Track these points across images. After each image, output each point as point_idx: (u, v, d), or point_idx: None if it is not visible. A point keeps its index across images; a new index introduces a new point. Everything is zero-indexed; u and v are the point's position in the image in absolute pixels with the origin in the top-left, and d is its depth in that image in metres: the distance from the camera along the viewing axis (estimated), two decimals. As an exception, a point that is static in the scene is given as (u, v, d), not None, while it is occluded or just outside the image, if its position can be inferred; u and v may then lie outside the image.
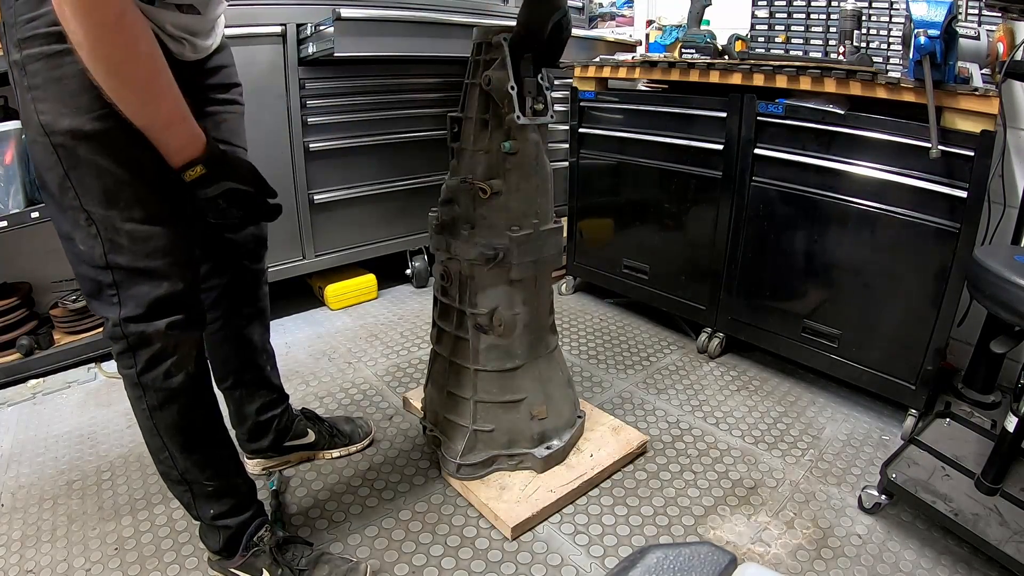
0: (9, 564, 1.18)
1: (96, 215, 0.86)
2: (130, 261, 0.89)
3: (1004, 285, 1.06)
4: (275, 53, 1.92)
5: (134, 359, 0.94)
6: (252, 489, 1.13)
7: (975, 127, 1.35)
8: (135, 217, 0.87)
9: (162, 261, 0.90)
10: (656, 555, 0.52)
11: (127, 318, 0.91)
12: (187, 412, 0.99)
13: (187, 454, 1.01)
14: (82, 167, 0.83)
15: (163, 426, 0.99)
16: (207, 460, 1.04)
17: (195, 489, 1.05)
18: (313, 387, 1.81)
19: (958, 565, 1.20)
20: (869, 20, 1.94)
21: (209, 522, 1.08)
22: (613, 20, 3.03)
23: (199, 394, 1.01)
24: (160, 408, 0.97)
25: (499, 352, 1.32)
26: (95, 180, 0.84)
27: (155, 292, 0.91)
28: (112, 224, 0.86)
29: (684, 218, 1.99)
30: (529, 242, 1.27)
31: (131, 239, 0.88)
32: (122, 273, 0.89)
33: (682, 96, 1.90)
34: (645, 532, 1.29)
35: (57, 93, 0.80)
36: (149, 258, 0.89)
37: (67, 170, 0.84)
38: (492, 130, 1.21)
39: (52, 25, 0.76)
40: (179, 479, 1.04)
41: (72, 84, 0.79)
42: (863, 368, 1.64)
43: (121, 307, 0.91)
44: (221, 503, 1.07)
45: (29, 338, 1.81)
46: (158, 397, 0.96)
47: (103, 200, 0.85)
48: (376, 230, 2.34)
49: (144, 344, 0.93)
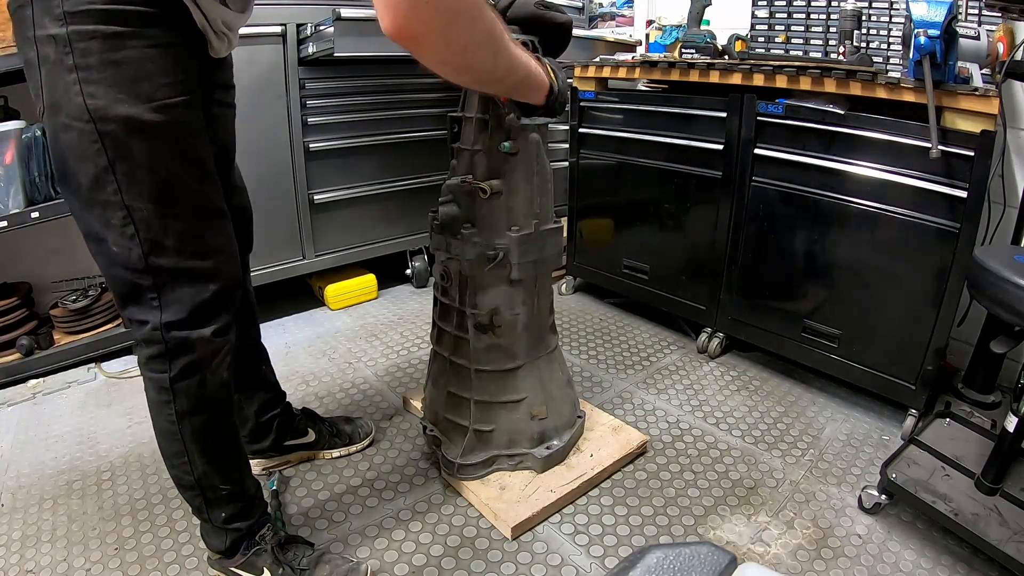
0: (9, 564, 1.18)
1: (138, 212, 0.82)
2: (175, 262, 0.85)
3: (1004, 285, 1.06)
4: (275, 53, 1.92)
5: (168, 364, 0.90)
6: (260, 490, 1.13)
7: (975, 127, 1.35)
8: (186, 213, 0.84)
9: (211, 260, 0.88)
10: (656, 555, 0.52)
11: (169, 323, 0.87)
12: (216, 418, 0.97)
13: (207, 459, 0.99)
14: (132, 159, 0.79)
15: (188, 432, 0.96)
16: (225, 465, 1.02)
17: (208, 494, 1.03)
18: (313, 387, 1.81)
19: (958, 565, 1.20)
20: (869, 20, 1.94)
21: (220, 525, 1.06)
22: (613, 20, 3.02)
23: (228, 400, 0.99)
24: (190, 414, 0.94)
25: (499, 352, 1.32)
26: (147, 174, 0.80)
27: (200, 295, 0.88)
28: (159, 222, 0.83)
29: (684, 218, 1.99)
30: (529, 242, 1.27)
31: (179, 238, 0.85)
32: (165, 275, 0.86)
33: (682, 96, 1.90)
34: (645, 532, 1.29)
35: (114, 77, 0.75)
36: (197, 257, 0.86)
37: (112, 161, 0.78)
38: (492, 130, 1.21)
39: (112, 3, 0.72)
40: (193, 484, 1.01)
41: (132, 70, 0.75)
42: (863, 368, 1.64)
43: (163, 311, 0.87)
44: (233, 506, 1.06)
45: (29, 338, 1.81)
46: (189, 403, 0.93)
47: (153, 195, 0.81)
48: (376, 230, 2.34)
49: (185, 351, 0.90)
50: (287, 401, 1.42)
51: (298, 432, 1.43)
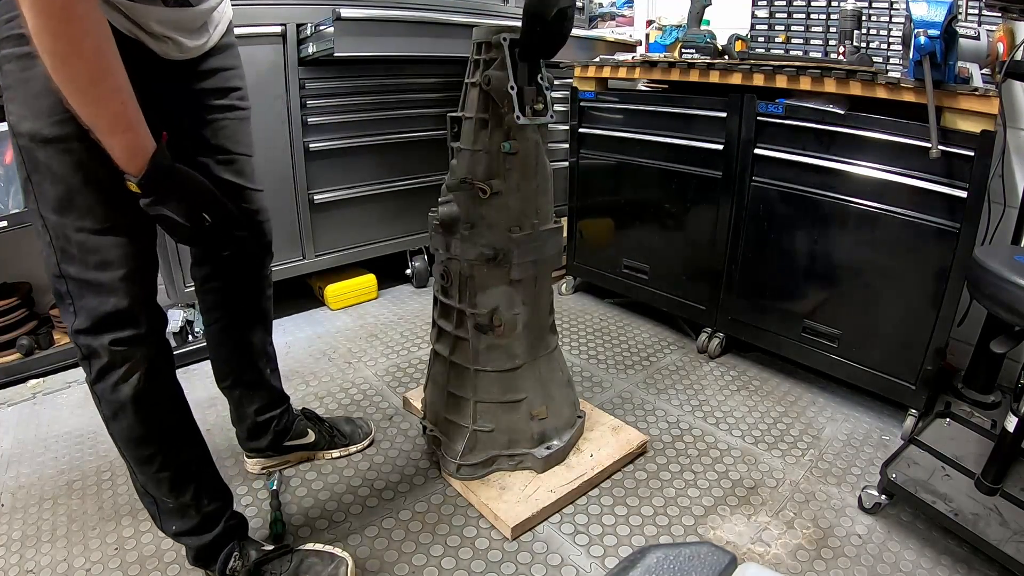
0: (9, 564, 1.18)
1: (49, 222, 0.86)
2: (79, 272, 0.88)
3: (1004, 285, 1.06)
4: (275, 53, 1.92)
5: (89, 368, 0.93)
6: (223, 507, 1.09)
7: (975, 127, 1.35)
8: (86, 227, 0.86)
9: (109, 275, 0.88)
10: (656, 555, 0.52)
11: (77, 329, 0.90)
12: (138, 426, 0.96)
13: (142, 467, 0.99)
14: (40, 171, 0.83)
15: (117, 437, 0.98)
16: (165, 477, 1.00)
17: (159, 504, 1.03)
18: (313, 387, 1.81)
19: (958, 565, 1.20)
20: (869, 20, 1.94)
21: (172, 537, 1.07)
22: (613, 20, 3.03)
23: (152, 409, 0.97)
24: (113, 418, 0.96)
25: (499, 352, 1.32)
26: (50, 186, 0.84)
27: (102, 307, 0.89)
28: (63, 232, 0.86)
29: (684, 218, 1.99)
30: (529, 242, 1.27)
31: (81, 249, 0.86)
32: (73, 283, 0.89)
33: (682, 96, 1.90)
34: (645, 532, 1.29)
35: (24, 95, 0.80)
36: (97, 270, 0.88)
37: (28, 173, 0.84)
38: (492, 130, 1.21)
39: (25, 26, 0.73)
40: (142, 491, 1.03)
41: (36, 86, 0.78)
42: (863, 368, 1.64)
43: (76, 317, 0.90)
44: (184, 521, 1.04)
45: (29, 338, 1.81)
46: (109, 408, 0.95)
47: (56, 207, 0.85)
48: (376, 230, 2.34)
49: (94, 356, 0.92)
50: (288, 405, 1.42)
51: (298, 432, 1.43)
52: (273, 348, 1.34)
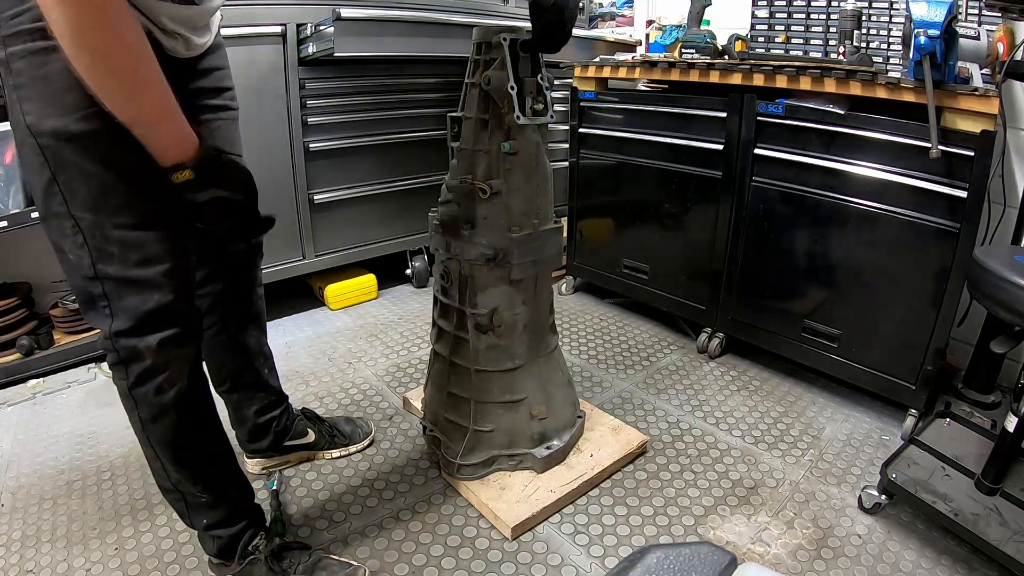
0: (9, 564, 1.18)
1: (83, 222, 0.83)
2: (120, 271, 0.85)
3: (1004, 285, 1.06)
4: (275, 53, 1.92)
5: (126, 372, 0.91)
6: (247, 498, 1.11)
7: (975, 127, 1.35)
8: (124, 223, 0.84)
9: (153, 270, 0.87)
10: (656, 555, 0.52)
11: (117, 332, 0.88)
12: (179, 427, 0.96)
13: (179, 467, 0.99)
14: (69, 170, 0.80)
15: (154, 439, 0.97)
16: (200, 473, 1.02)
17: (188, 499, 1.03)
18: (313, 387, 1.81)
19: (958, 565, 1.20)
20: (869, 20, 1.94)
21: (202, 531, 1.07)
22: (613, 20, 3.03)
23: (192, 409, 0.98)
24: (152, 422, 0.95)
25: (499, 352, 1.32)
26: (82, 184, 0.81)
27: (145, 305, 0.87)
28: (101, 231, 0.83)
29: (684, 218, 1.99)
30: (529, 242, 1.27)
31: (121, 246, 0.84)
32: (112, 284, 0.86)
33: (682, 96, 1.90)
34: (645, 532, 1.29)
35: (42, 92, 0.77)
36: (140, 267, 0.86)
37: (54, 173, 0.80)
38: (492, 130, 1.21)
39: (36, 21, 0.72)
40: (172, 488, 1.02)
41: (57, 82, 0.76)
42: (863, 368, 1.64)
43: (113, 320, 0.88)
44: (214, 513, 1.05)
45: (29, 338, 1.81)
46: (150, 411, 0.94)
47: (90, 205, 0.82)
48: (376, 230, 2.34)
49: (135, 359, 0.90)
50: (287, 404, 1.42)
51: (298, 432, 1.43)
52: (269, 348, 1.34)
